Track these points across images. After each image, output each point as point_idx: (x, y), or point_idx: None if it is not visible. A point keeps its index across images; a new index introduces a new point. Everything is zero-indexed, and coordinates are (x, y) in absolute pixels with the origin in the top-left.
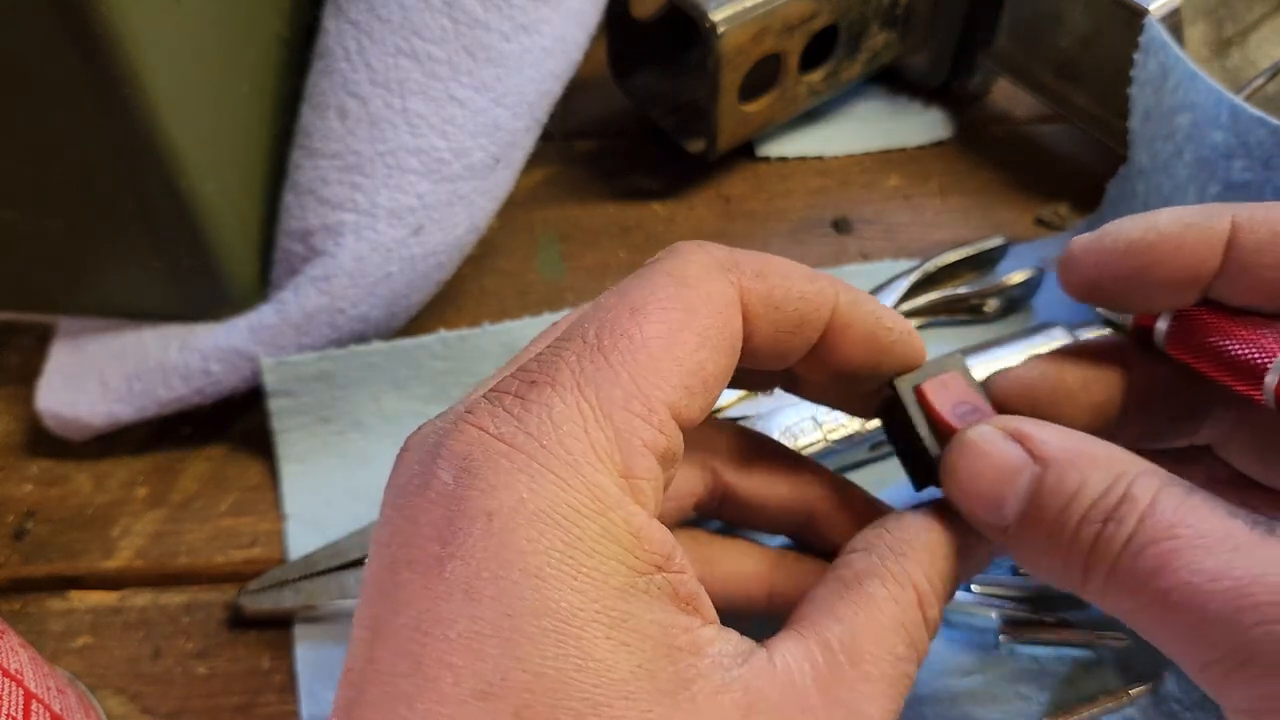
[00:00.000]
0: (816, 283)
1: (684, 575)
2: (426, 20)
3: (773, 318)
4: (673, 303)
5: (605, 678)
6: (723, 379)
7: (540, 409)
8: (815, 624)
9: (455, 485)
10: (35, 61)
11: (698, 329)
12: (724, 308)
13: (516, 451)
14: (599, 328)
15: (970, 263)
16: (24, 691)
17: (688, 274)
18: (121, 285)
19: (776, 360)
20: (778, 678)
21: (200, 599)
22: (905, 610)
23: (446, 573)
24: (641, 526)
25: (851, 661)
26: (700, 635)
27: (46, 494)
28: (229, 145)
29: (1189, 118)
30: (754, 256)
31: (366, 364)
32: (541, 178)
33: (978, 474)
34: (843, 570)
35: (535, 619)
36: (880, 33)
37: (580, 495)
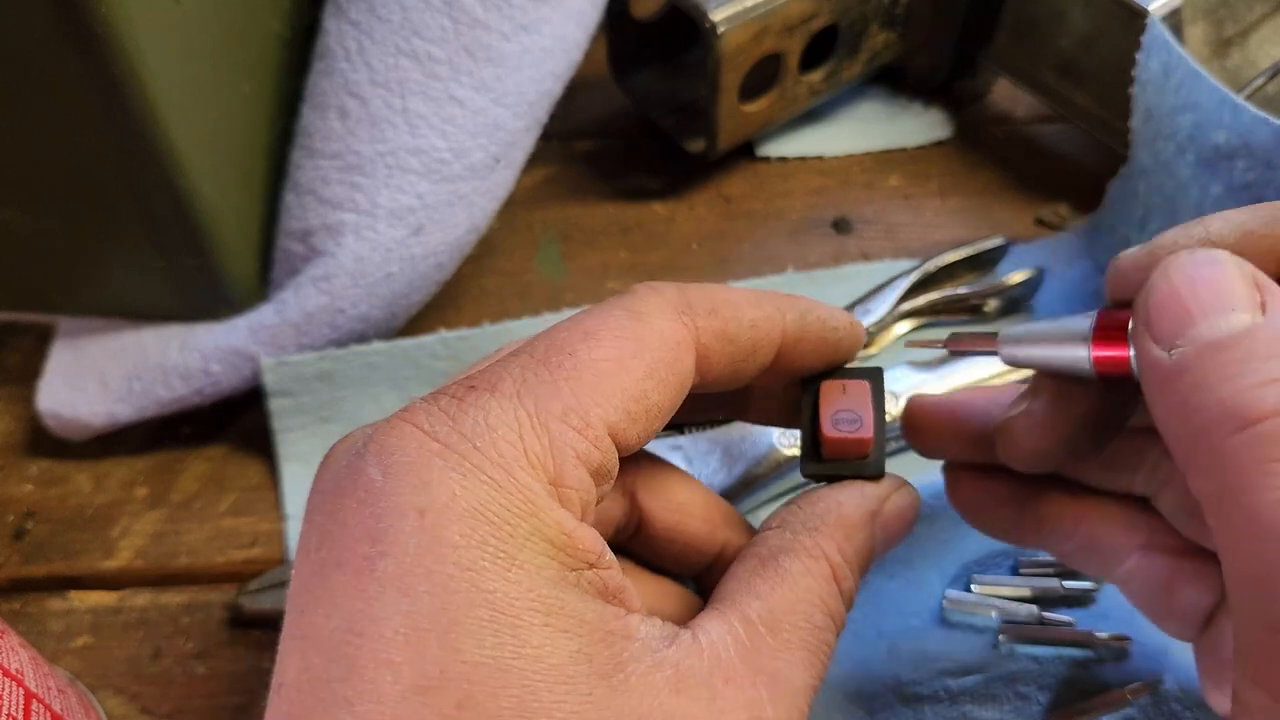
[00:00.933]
0: (765, 308)
1: (612, 570)
2: (427, 20)
3: (728, 350)
4: (626, 333)
5: (543, 664)
6: (666, 413)
7: (477, 412)
8: (735, 601)
9: (385, 481)
10: (35, 62)
11: (647, 360)
12: (675, 345)
13: (449, 450)
14: (549, 345)
15: (970, 263)
16: (24, 691)
17: (643, 310)
18: (121, 285)
19: (731, 384)
20: (704, 654)
21: (200, 599)
22: (820, 583)
23: (378, 571)
24: (572, 529)
25: (771, 632)
26: (629, 621)
27: (46, 494)
28: (229, 145)
29: (1191, 118)
30: (705, 293)
31: (367, 364)
32: (541, 178)
33: (1195, 283)
34: (759, 548)
35: (471, 610)
36: (880, 33)
37: (512, 496)
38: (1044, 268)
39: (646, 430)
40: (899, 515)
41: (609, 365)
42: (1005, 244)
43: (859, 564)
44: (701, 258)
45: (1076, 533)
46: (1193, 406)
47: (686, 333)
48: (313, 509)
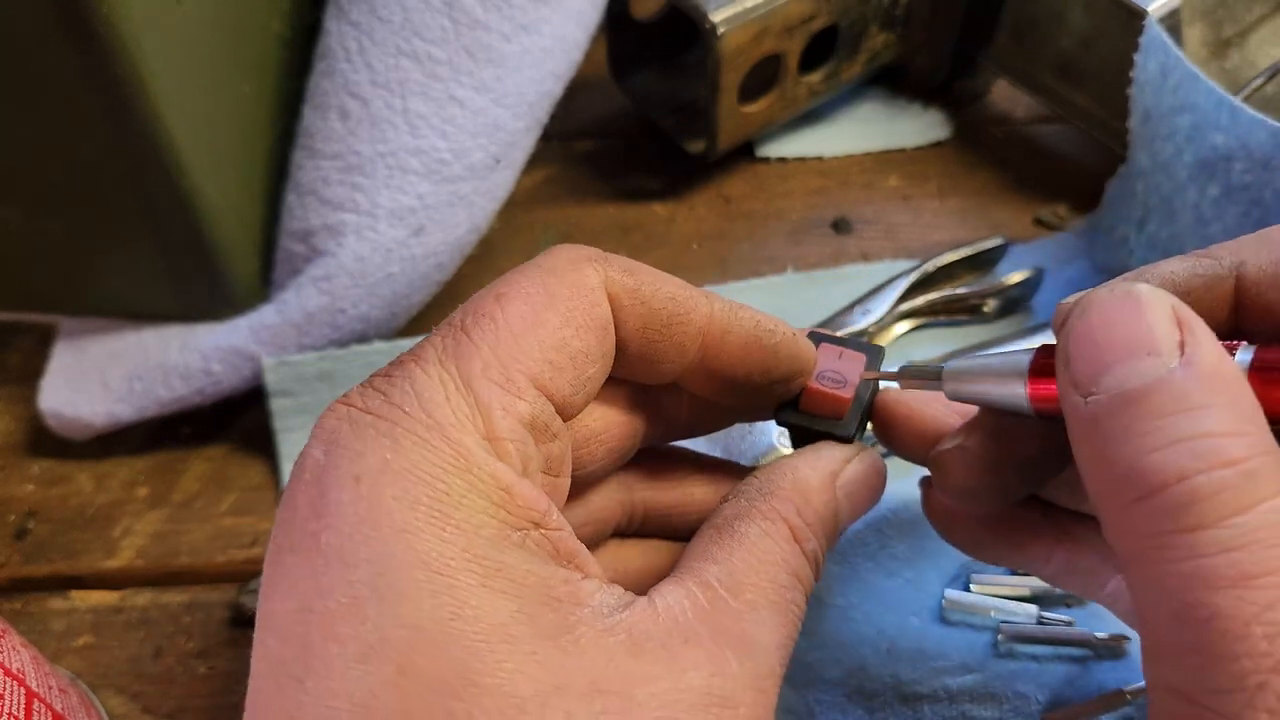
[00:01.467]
0: (688, 290)
1: (562, 532)
2: (427, 21)
3: (639, 311)
4: (536, 288)
5: (483, 624)
6: (594, 359)
7: (403, 382)
8: (691, 568)
9: (325, 458)
10: (37, 62)
11: (561, 310)
12: (588, 292)
13: (380, 419)
14: (466, 312)
15: (970, 263)
16: (25, 691)
17: (555, 265)
18: (123, 285)
19: (651, 366)
20: (659, 617)
21: (201, 599)
22: (779, 544)
23: (322, 545)
24: (511, 483)
25: (732, 594)
26: (581, 587)
27: (48, 494)
28: (230, 145)
29: (1189, 119)
30: (625, 259)
31: (368, 364)
32: (541, 178)
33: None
34: (715, 518)
35: (408, 572)
36: (880, 33)
37: (444, 453)
38: (1043, 268)
39: (576, 377)
40: (862, 480)
41: (524, 321)
42: (1004, 244)
43: (822, 528)
44: (701, 258)
45: (1054, 556)
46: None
47: (598, 279)
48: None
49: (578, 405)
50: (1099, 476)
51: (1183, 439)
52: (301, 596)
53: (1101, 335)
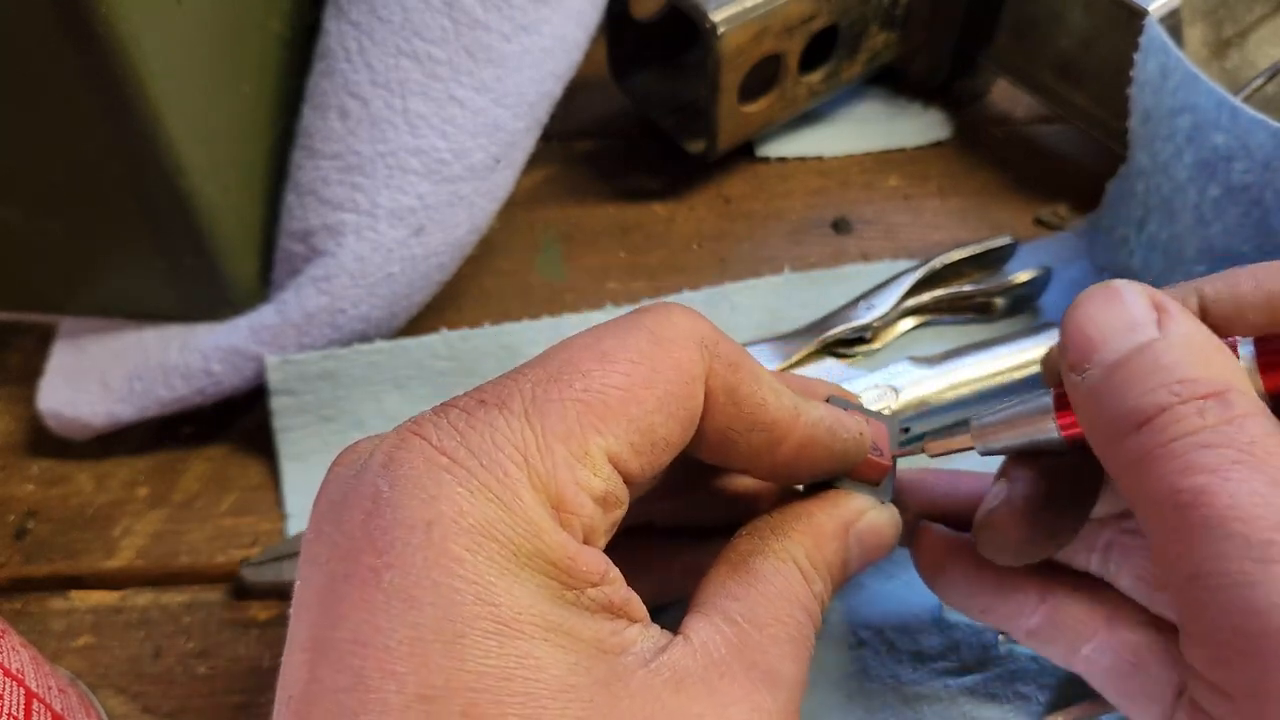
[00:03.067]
0: (782, 399)
1: (615, 585)
2: (427, 21)
3: (729, 411)
4: (643, 359)
5: (545, 674)
6: (674, 448)
7: (484, 428)
8: (715, 604)
9: (392, 493)
10: (36, 62)
11: (660, 392)
12: (691, 380)
13: (457, 465)
14: (563, 363)
15: (977, 261)
16: (25, 691)
17: (666, 335)
18: (122, 285)
19: (715, 456)
20: (697, 654)
21: (201, 598)
22: (791, 583)
23: (384, 583)
24: (575, 554)
25: (757, 629)
26: (626, 636)
27: (48, 494)
28: (230, 145)
29: (1189, 119)
30: (734, 346)
31: (369, 363)
32: (542, 178)
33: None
34: (730, 553)
35: (475, 623)
36: (880, 33)
37: (516, 516)
38: (1051, 267)
39: (652, 462)
40: (875, 531)
41: (620, 394)
42: (1013, 243)
43: (829, 572)
44: (701, 258)
45: (1040, 608)
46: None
47: (702, 368)
48: (319, 518)
49: (642, 483)
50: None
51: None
52: (354, 628)
53: (1089, 323)
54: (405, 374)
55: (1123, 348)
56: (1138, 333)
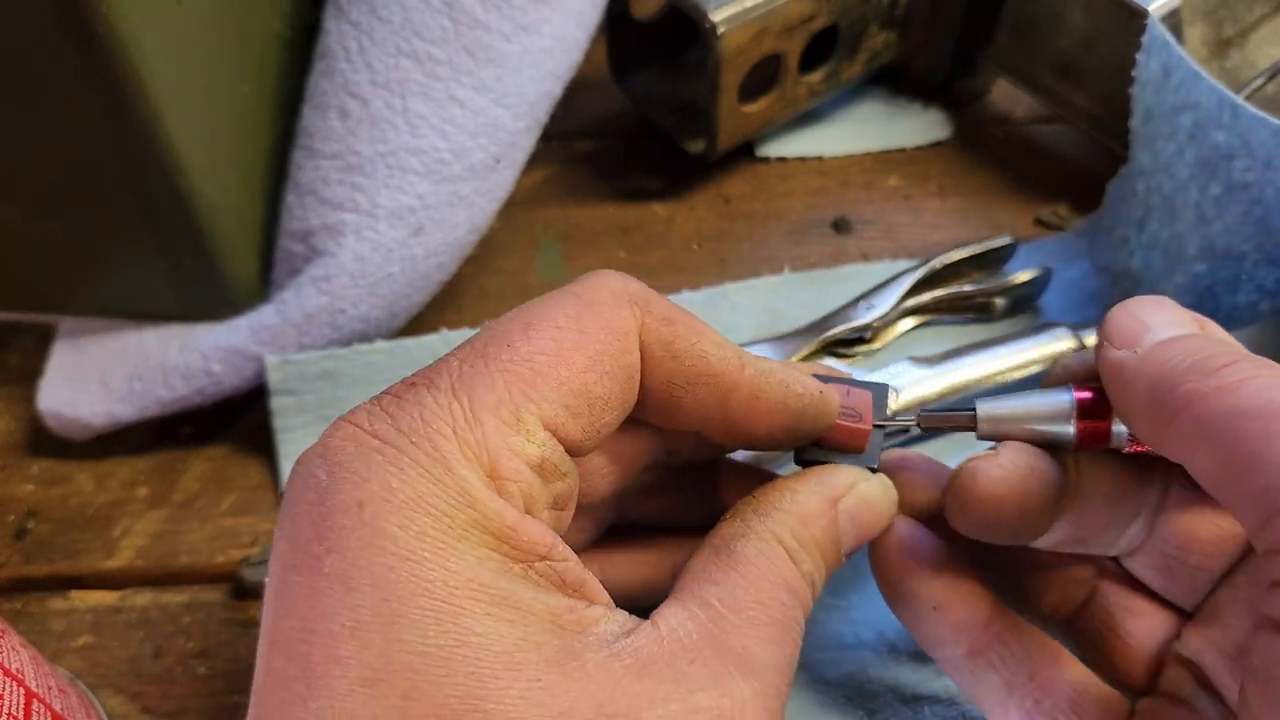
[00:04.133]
0: (723, 349)
1: (568, 563)
2: (427, 21)
3: (668, 365)
4: (569, 322)
5: (488, 650)
6: (614, 405)
7: (414, 408)
8: (692, 589)
9: (329, 480)
10: (37, 62)
11: (589, 352)
12: (622, 336)
13: (387, 445)
14: (490, 338)
15: (977, 261)
16: (25, 691)
17: (594, 298)
18: (122, 285)
19: (670, 417)
20: (665, 640)
21: (201, 598)
22: (776, 564)
23: (325, 568)
24: (516, 520)
25: (734, 612)
26: (586, 614)
27: (48, 494)
28: (230, 145)
29: (1191, 118)
30: (666, 302)
31: (369, 363)
32: (541, 178)
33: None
34: (713, 538)
35: (412, 600)
36: (880, 33)
37: (448, 488)
38: (1051, 267)
39: (591, 423)
40: (867, 504)
41: (548, 359)
42: (1014, 243)
43: (819, 551)
44: (701, 258)
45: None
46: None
47: (634, 324)
48: (280, 518)
49: (587, 449)
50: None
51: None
52: (303, 617)
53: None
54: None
55: (1171, 332)
56: (1185, 328)
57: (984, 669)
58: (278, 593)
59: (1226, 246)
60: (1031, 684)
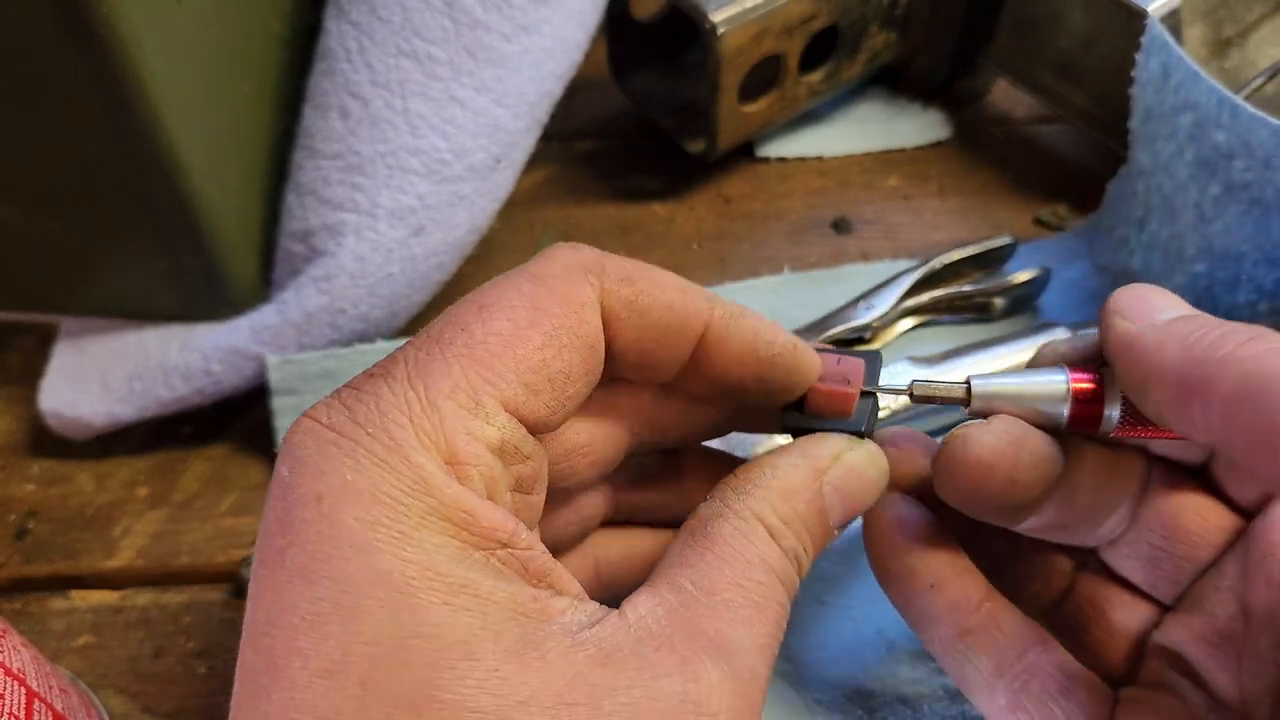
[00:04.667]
0: (688, 294)
1: (532, 551)
2: (427, 21)
3: (636, 323)
4: (522, 301)
5: (444, 640)
6: (576, 378)
7: (369, 398)
8: (666, 575)
9: (290, 475)
10: (37, 62)
11: (546, 328)
12: (579, 308)
13: (343, 438)
14: (445, 324)
15: (977, 261)
16: (26, 690)
17: (547, 273)
18: (123, 286)
19: (648, 372)
20: (631, 628)
21: (201, 598)
22: (755, 543)
23: (287, 561)
24: (473, 507)
25: (707, 595)
26: (550, 604)
27: (48, 493)
28: (230, 146)
29: (1190, 118)
30: (624, 262)
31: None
32: (542, 178)
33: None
34: (691, 521)
35: (369, 591)
36: (880, 33)
37: (403, 476)
38: (1050, 267)
39: (554, 399)
40: (854, 474)
41: (502, 339)
42: (1013, 243)
43: (804, 526)
44: (701, 258)
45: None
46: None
47: (591, 293)
48: None
49: (554, 424)
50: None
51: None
52: (268, 610)
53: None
54: None
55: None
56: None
57: (974, 650)
58: (251, 589)
59: (1226, 247)
60: (1020, 666)
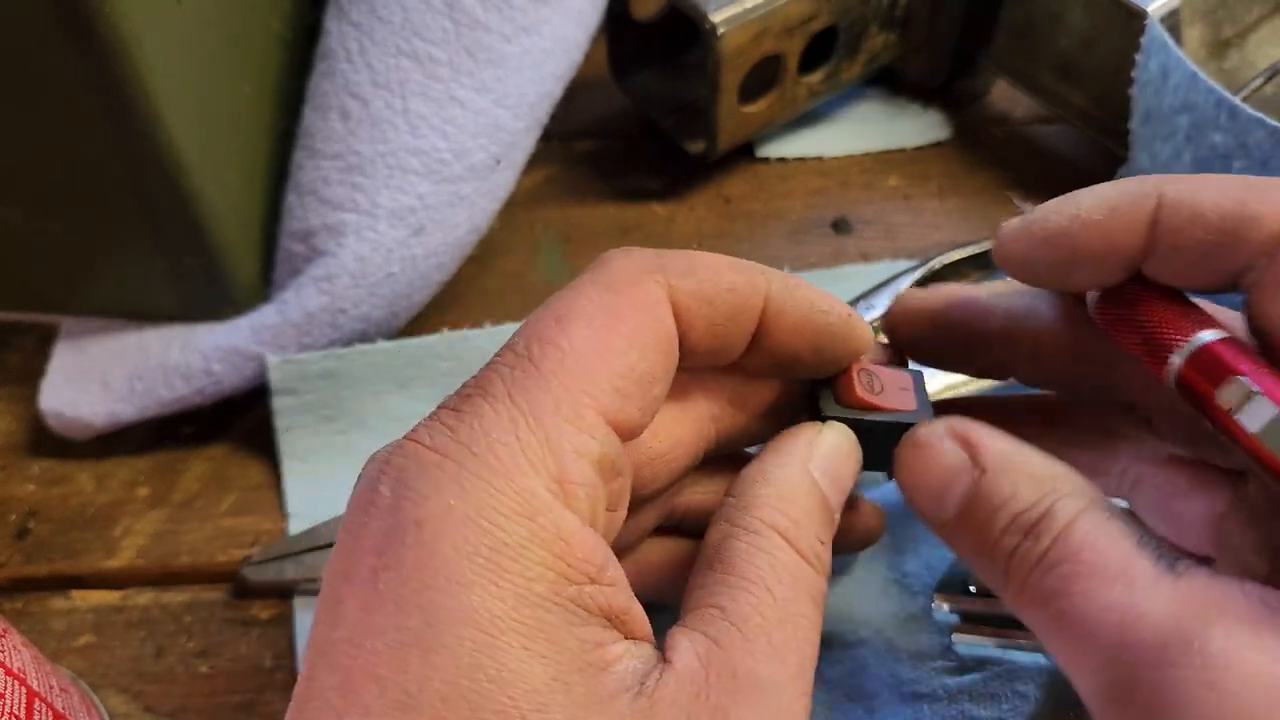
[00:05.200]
0: (745, 272)
1: (615, 589)
2: (428, 21)
3: (705, 313)
4: (598, 309)
5: (519, 689)
6: (661, 378)
7: (472, 419)
8: (695, 611)
9: (392, 498)
10: (37, 62)
11: (625, 332)
12: (652, 307)
13: (447, 460)
14: (527, 339)
15: (977, 261)
16: (27, 691)
17: (613, 280)
18: (123, 285)
19: (718, 356)
20: (676, 678)
21: (202, 598)
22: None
23: (380, 584)
24: (572, 533)
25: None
26: (612, 650)
27: (48, 493)
28: (231, 146)
29: (1189, 119)
30: (679, 255)
31: (370, 363)
32: (542, 178)
33: (924, 471)
34: (705, 549)
35: (454, 628)
36: (880, 34)
37: (508, 499)
38: None
39: (644, 401)
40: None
41: (588, 347)
42: None
43: (811, 520)
44: None
45: None
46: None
47: (661, 292)
48: (341, 528)
49: (642, 429)
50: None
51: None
52: (350, 629)
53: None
54: (406, 374)
55: (955, 504)
56: (960, 480)
57: None
58: (327, 600)
59: None
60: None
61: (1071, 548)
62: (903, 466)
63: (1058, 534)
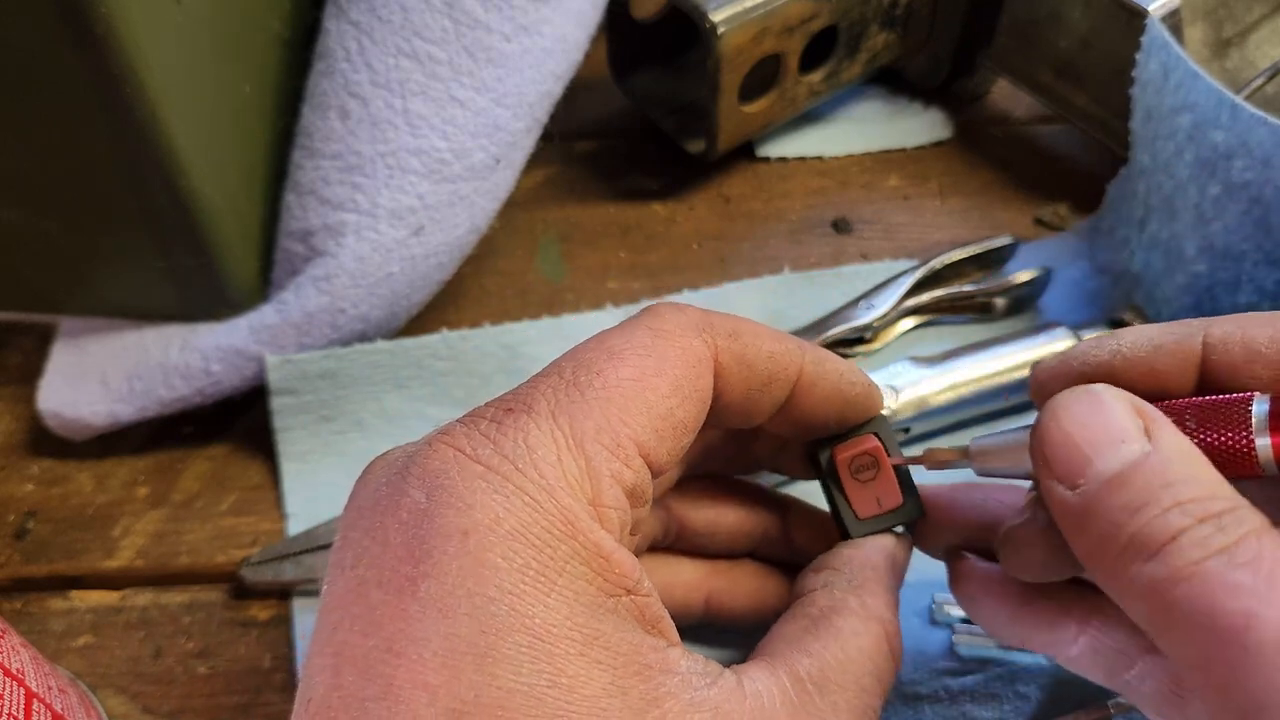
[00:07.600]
0: (784, 343)
1: (650, 599)
2: (427, 21)
3: (744, 375)
4: (649, 351)
5: (577, 694)
6: (691, 429)
7: (516, 434)
8: (784, 657)
9: (429, 503)
10: (37, 62)
11: (671, 377)
12: (697, 362)
13: (492, 472)
14: (576, 366)
15: (978, 261)
16: (25, 691)
17: (664, 328)
18: (122, 285)
19: (745, 419)
20: (747, 702)
21: (201, 598)
22: (872, 644)
23: (420, 592)
24: (611, 551)
25: (820, 692)
26: (668, 655)
27: (48, 494)
28: (230, 145)
29: (1190, 118)
30: (726, 318)
31: (370, 363)
32: (542, 178)
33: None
34: (809, 608)
35: (509, 635)
36: (880, 33)
37: (553, 517)
38: (1051, 267)
39: (674, 447)
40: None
41: (635, 384)
42: (1014, 243)
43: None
44: (701, 258)
45: (1080, 637)
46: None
47: (706, 350)
48: (349, 525)
49: (666, 470)
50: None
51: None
52: (387, 637)
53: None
54: (406, 374)
55: (1115, 463)
56: (1130, 445)
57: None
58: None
59: (1226, 246)
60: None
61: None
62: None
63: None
